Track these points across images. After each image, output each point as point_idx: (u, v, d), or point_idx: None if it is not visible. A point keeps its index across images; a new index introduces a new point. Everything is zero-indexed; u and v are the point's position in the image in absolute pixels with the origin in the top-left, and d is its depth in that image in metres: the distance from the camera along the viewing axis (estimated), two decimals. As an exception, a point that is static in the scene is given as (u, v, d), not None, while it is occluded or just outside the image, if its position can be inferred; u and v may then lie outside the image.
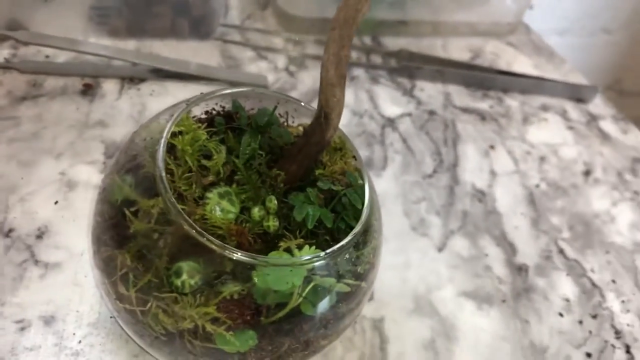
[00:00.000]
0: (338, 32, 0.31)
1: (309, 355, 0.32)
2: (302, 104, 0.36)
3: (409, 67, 0.60)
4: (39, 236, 0.40)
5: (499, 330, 0.41)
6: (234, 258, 0.28)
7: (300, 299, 0.30)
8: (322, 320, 0.31)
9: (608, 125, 0.62)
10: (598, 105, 0.64)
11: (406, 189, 0.49)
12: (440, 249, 0.45)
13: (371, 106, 0.57)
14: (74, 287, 0.38)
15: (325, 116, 0.32)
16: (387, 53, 0.63)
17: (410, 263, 0.44)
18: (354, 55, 0.62)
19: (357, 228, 0.31)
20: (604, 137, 0.60)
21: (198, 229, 0.28)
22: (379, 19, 0.65)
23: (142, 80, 0.54)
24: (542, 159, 0.56)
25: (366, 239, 0.33)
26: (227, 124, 0.35)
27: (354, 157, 0.36)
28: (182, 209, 0.29)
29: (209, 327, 0.29)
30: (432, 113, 0.58)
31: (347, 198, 0.33)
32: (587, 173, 0.55)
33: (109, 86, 0.52)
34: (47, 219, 0.41)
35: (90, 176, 0.45)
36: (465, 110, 0.59)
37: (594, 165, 0.56)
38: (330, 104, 0.32)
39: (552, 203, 0.51)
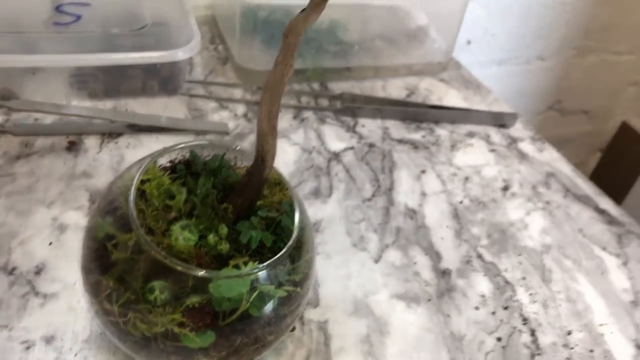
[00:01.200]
0: (269, 93, 0.40)
1: (259, 350, 0.41)
2: (245, 150, 0.45)
3: (352, 108, 0.70)
4: (37, 272, 0.48)
5: (425, 323, 0.50)
6: (195, 275, 0.37)
7: (248, 304, 0.38)
8: (267, 320, 0.40)
9: (526, 146, 0.71)
10: (518, 129, 0.74)
11: (348, 212, 0.58)
12: (376, 261, 0.54)
13: (319, 143, 0.66)
14: (69, 312, 0.46)
15: (262, 159, 0.41)
16: (333, 96, 0.72)
17: (351, 274, 0.53)
18: (304, 100, 0.72)
19: (289, 244, 0.39)
20: (522, 156, 0.70)
21: (164, 254, 0.37)
22: (325, 67, 0.75)
23: (119, 134, 0.63)
24: (467, 179, 0.65)
25: (300, 254, 0.41)
26: (186, 169, 0.44)
27: (286, 189, 0.45)
28: (152, 240, 0.37)
29: (177, 330, 0.38)
30: (371, 145, 0.67)
31: (282, 222, 0.42)
32: (505, 188, 0.65)
33: (91, 142, 0.61)
34: (44, 257, 0.50)
35: (78, 219, 0.53)
36: (401, 141, 0.68)
37: (512, 181, 0.66)
38: (265, 149, 0.41)
39: (474, 216, 0.60)
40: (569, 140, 1.33)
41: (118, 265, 0.39)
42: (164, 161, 0.45)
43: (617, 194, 1.31)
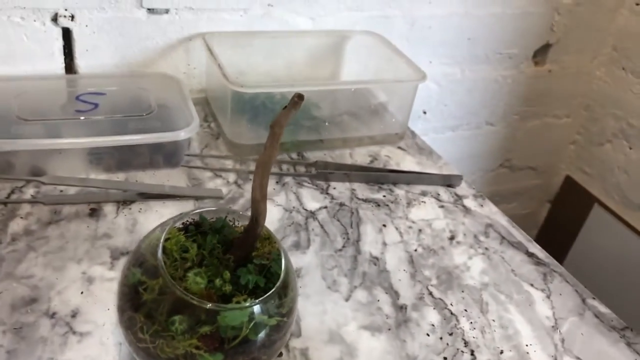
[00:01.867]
0: (260, 170, 0.54)
1: (257, 367, 0.53)
2: (241, 213, 0.58)
3: (325, 173, 0.84)
4: (73, 315, 0.60)
5: (386, 347, 0.62)
6: (207, 308, 0.49)
7: (247, 330, 0.51)
8: (262, 343, 0.52)
9: (469, 202, 0.86)
10: (463, 188, 0.89)
11: (323, 260, 0.72)
12: (347, 299, 0.67)
13: (298, 204, 0.80)
14: (100, 346, 0.58)
15: (255, 220, 0.55)
16: (308, 164, 0.87)
17: (326, 310, 0.65)
18: (285, 167, 0.86)
19: (277, 284, 0.52)
20: (466, 210, 0.84)
21: (184, 292, 0.49)
22: (301, 140, 0.90)
23: (132, 202, 0.75)
24: (420, 230, 0.79)
25: (286, 292, 0.54)
26: (196, 229, 0.57)
27: (274, 242, 0.58)
28: (174, 283, 0.50)
29: (194, 351, 0.50)
30: (342, 205, 0.81)
31: (272, 268, 0.55)
32: (452, 238, 0.79)
33: (109, 208, 0.74)
34: (78, 304, 0.62)
35: (102, 273, 0.65)
36: (366, 200, 0.82)
37: (458, 232, 0.80)
38: (258, 212, 0.54)
39: (425, 261, 0.74)
40: (520, 193, 1.49)
41: (147, 304, 0.51)
42: (178, 224, 0.58)
43: (565, 239, 1.47)
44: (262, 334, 0.52)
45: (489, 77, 1.22)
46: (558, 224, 1.51)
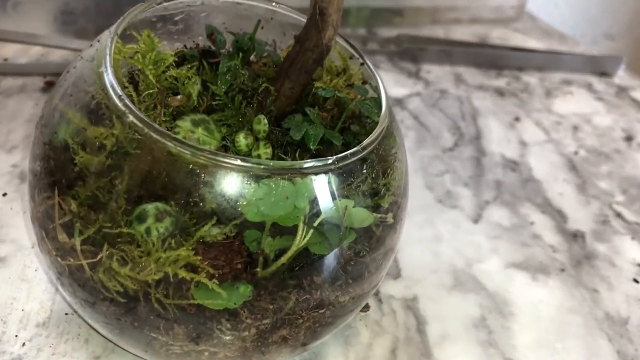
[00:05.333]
0: None
1: (322, 323, 0.24)
2: (289, 13, 0.29)
3: (412, 50, 0.55)
4: (-18, 230, 0.32)
5: (564, 301, 0.32)
6: (223, 165, 0.20)
7: (306, 236, 0.22)
8: (337, 271, 0.23)
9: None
10: (624, 78, 0.58)
11: (425, 163, 0.42)
12: (475, 221, 0.37)
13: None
14: (20, 283, 0.30)
15: (321, 13, 0.25)
16: (385, 40, 0.57)
17: (441, 236, 0.36)
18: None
19: (375, 133, 0.23)
20: (639, 105, 0.53)
21: (177, 137, 0.21)
22: (371, 8, 0.60)
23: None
24: (576, 128, 0.48)
25: (387, 166, 0.25)
26: (202, 58, 0.28)
27: (363, 82, 0.29)
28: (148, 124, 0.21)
29: (184, 275, 0.21)
30: (443, 92, 0.51)
31: (354, 126, 0.26)
32: (629, 139, 0.48)
33: (75, 83, 0.46)
34: (-6, 212, 0.34)
35: (48, 167, 0.37)
36: (481, 88, 0.52)
37: (635, 131, 0.49)
38: (325, -3, 0.25)
39: (597, 169, 0.44)
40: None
41: (88, 178, 0.23)
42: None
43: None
44: (338, 249, 0.23)
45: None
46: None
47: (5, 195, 0.35)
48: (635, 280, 0.34)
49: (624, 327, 0.31)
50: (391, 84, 0.51)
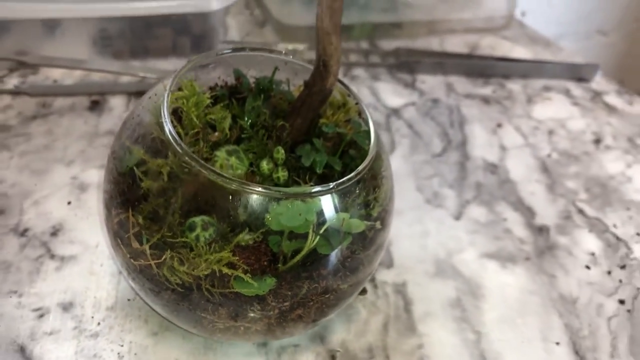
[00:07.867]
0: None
1: (329, 303, 0.31)
2: (300, 63, 0.36)
3: (408, 62, 0.61)
4: (54, 233, 0.40)
5: (526, 284, 0.40)
6: (251, 191, 0.28)
7: (315, 238, 0.29)
8: (339, 264, 0.31)
9: (613, 99, 0.62)
10: (600, 82, 0.64)
11: (416, 168, 0.49)
12: (457, 218, 0.45)
13: (374, 99, 0.57)
14: (90, 277, 0.38)
15: (324, 64, 0.33)
16: (385, 52, 0.64)
17: (428, 232, 0.43)
18: (352, 57, 0.64)
19: (366, 162, 0.31)
20: (610, 109, 0.60)
21: (212, 169, 0.28)
22: (373, 23, 0.67)
23: (147, 92, 0.55)
24: (551, 132, 0.55)
25: (376, 183, 0.33)
26: (230, 95, 0.36)
27: (358, 113, 0.36)
28: (193, 157, 0.29)
29: (227, 272, 0.29)
30: (435, 101, 0.58)
31: (350, 150, 0.33)
32: (597, 141, 0.55)
33: (116, 101, 0.54)
34: (61, 218, 0.42)
35: (101, 178, 0.45)
36: (468, 96, 0.59)
37: (603, 134, 0.56)
38: (328, 51, 0.32)
39: (566, 169, 0.51)
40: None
41: (149, 198, 0.30)
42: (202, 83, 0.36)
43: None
44: (339, 249, 0.30)
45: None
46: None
47: (69, 203, 0.43)
48: (587, 267, 0.42)
49: (574, 305, 0.39)
50: (389, 94, 0.58)
